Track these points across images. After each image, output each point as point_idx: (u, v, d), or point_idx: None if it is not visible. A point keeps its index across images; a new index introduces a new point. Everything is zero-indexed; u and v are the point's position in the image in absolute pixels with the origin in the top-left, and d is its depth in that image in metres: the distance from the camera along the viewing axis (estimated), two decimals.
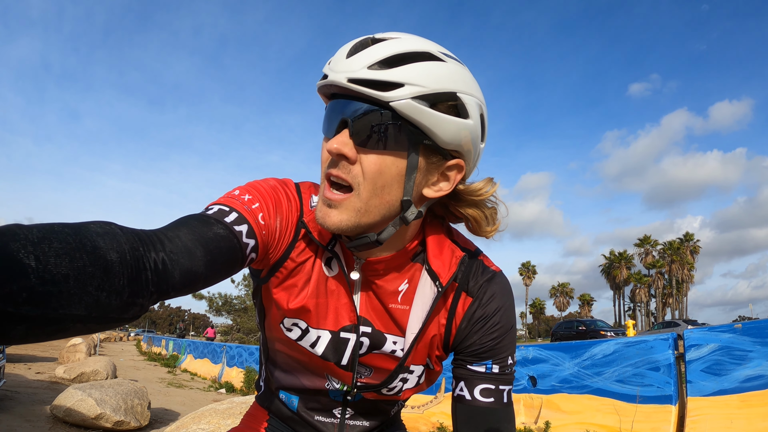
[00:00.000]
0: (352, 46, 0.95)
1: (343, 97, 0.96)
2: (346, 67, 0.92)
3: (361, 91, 0.91)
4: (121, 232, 0.71)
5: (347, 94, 0.95)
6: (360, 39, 0.96)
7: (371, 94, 0.90)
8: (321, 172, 1.01)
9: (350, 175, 0.95)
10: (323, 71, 0.97)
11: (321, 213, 0.99)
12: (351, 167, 0.95)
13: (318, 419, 1.25)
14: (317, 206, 1.01)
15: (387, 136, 0.93)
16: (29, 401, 7.52)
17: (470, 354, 1.11)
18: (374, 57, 0.91)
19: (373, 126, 0.92)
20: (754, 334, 5.30)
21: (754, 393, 5.03)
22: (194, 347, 20.19)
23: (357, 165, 0.94)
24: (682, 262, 79.10)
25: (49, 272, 0.56)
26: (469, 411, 1.09)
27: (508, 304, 1.13)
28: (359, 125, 0.93)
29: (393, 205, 0.99)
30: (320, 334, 1.12)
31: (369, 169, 0.94)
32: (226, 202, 0.98)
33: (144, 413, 6.85)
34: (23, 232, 0.58)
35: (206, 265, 0.84)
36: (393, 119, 0.92)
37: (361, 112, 0.93)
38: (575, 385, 6.60)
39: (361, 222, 0.98)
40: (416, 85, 0.91)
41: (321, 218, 0.99)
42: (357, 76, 0.90)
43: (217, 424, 3.22)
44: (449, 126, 0.94)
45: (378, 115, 0.92)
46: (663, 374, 5.82)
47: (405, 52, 0.92)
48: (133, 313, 0.69)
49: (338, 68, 0.93)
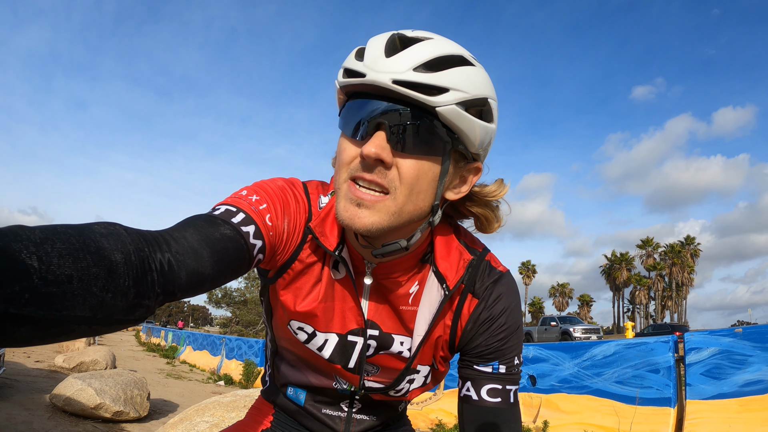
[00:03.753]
0: (385, 44, 0.91)
1: (376, 97, 0.91)
2: (389, 66, 0.88)
3: (407, 94, 0.88)
4: (126, 232, 0.70)
5: (384, 95, 0.91)
6: (388, 36, 0.92)
7: (418, 98, 0.88)
8: (341, 171, 0.96)
9: (386, 180, 0.92)
10: (353, 68, 0.92)
11: (348, 213, 0.93)
12: (387, 172, 0.92)
13: (325, 412, 1.25)
14: (340, 205, 0.95)
15: (427, 140, 0.91)
16: (28, 390, 7.55)
17: (477, 355, 1.10)
18: (418, 59, 0.88)
19: (414, 130, 0.90)
20: (754, 339, 5.30)
21: (753, 398, 5.03)
22: (193, 339, 20.27)
23: (393, 169, 0.92)
24: (683, 265, 79.07)
25: (52, 273, 0.55)
26: (476, 411, 1.09)
27: (515, 305, 1.12)
28: (399, 129, 0.90)
29: (424, 210, 0.98)
30: (327, 338, 1.12)
31: (407, 174, 0.92)
32: (234, 203, 0.96)
33: (143, 404, 6.86)
34: (25, 233, 0.57)
35: (213, 266, 0.83)
36: (434, 124, 0.90)
37: (403, 116, 0.90)
38: (575, 385, 6.61)
39: (391, 226, 0.95)
40: (460, 91, 0.89)
41: (348, 218, 0.93)
42: (403, 78, 0.87)
43: (221, 417, 3.21)
44: (480, 131, 0.94)
45: (420, 119, 0.90)
46: (663, 376, 5.83)
47: (444, 55, 0.90)
48: (138, 314, 0.68)
49: (379, 67, 0.88)
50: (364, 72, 0.89)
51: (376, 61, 0.89)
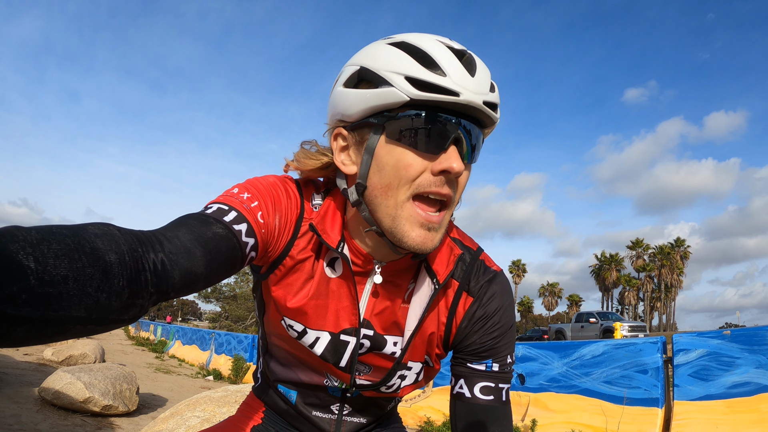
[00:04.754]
0: (460, 59, 0.93)
1: (450, 112, 0.93)
2: (476, 86, 0.92)
3: (491, 115, 0.95)
4: (119, 233, 0.71)
5: (459, 110, 0.94)
6: (443, 44, 0.95)
7: (494, 116, 0.96)
8: (402, 188, 0.95)
9: (452, 192, 0.98)
10: (436, 83, 0.89)
11: (421, 238, 0.96)
12: (454, 184, 0.97)
13: (316, 414, 1.25)
14: (406, 229, 0.96)
15: (476, 151, 1.00)
16: (17, 383, 7.49)
17: (471, 353, 1.12)
18: (488, 78, 0.96)
19: (476, 143, 0.97)
20: (742, 342, 5.35)
21: (740, 399, 5.08)
22: (182, 333, 20.19)
23: (456, 181, 0.98)
24: (672, 266, 79.54)
25: (48, 273, 0.56)
26: (469, 408, 1.10)
27: (508, 304, 1.14)
28: (469, 144, 0.96)
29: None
30: (319, 336, 1.12)
31: (463, 183, 1.00)
32: (225, 201, 0.97)
33: (132, 398, 6.83)
34: (22, 233, 0.57)
35: (206, 265, 0.83)
36: (481, 135, 0.99)
37: (474, 131, 0.97)
38: (563, 384, 6.65)
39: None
40: (499, 104, 0.98)
41: (422, 243, 0.97)
42: (488, 99, 0.93)
43: (212, 412, 3.21)
44: None
45: (480, 133, 0.98)
46: (651, 377, 5.88)
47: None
48: (132, 314, 0.68)
49: (469, 86, 0.91)
50: (458, 91, 0.90)
51: (464, 79, 0.91)
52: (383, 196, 0.96)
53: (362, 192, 1.00)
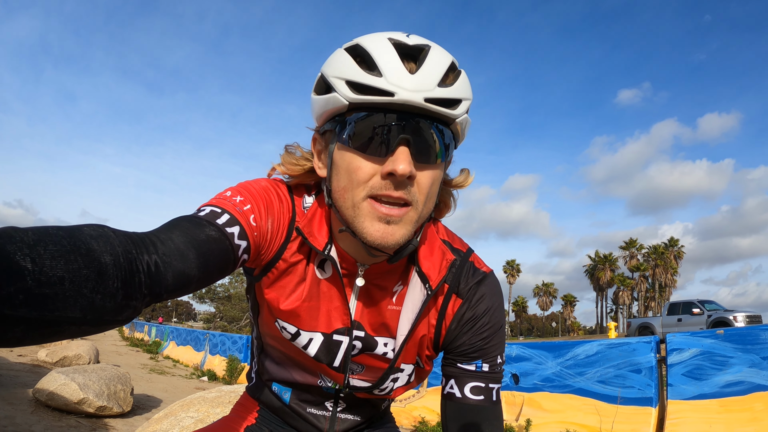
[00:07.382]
0: (398, 55, 0.91)
1: (394, 112, 0.91)
2: (416, 84, 0.89)
3: (437, 111, 0.91)
4: (114, 234, 0.71)
5: (405, 110, 0.91)
6: (387, 42, 0.92)
7: (444, 113, 0.92)
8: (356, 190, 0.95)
9: (410, 194, 0.94)
10: (372, 84, 0.89)
11: (380, 232, 0.94)
12: (410, 186, 0.94)
13: (310, 411, 1.26)
14: (366, 224, 0.95)
15: (439, 149, 0.96)
16: (11, 384, 7.46)
17: (461, 353, 1.12)
18: (438, 73, 0.91)
19: (432, 142, 0.94)
20: (735, 341, 5.38)
21: (733, 398, 5.11)
22: (177, 334, 20.11)
23: (414, 182, 0.94)
24: (666, 266, 79.84)
25: (45, 274, 0.56)
26: (459, 408, 1.11)
27: (497, 305, 1.14)
28: (423, 143, 0.93)
29: (431, 211, 1.03)
30: (312, 337, 1.13)
31: (425, 184, 0.96)
32: (218, 204, 0.97)
33: (127, 399, 6.81)
34: (18, 234, 0.57)
35: (199, 267, 0.84)
36: (445, 133, 0.95)
37: (425, 130, 0.93)
38: (557, 384, 6.66)
39: (413, 232, 0.99)
40: (467, 99, 0.95)
41: (381, 237, 0.94)
42: (433, 95, 0.90)
43: (206, 413, 3.21)
44: (468, 127, 1.01)
45: (438, 131, 0.94)
46: (644, 376, 5.90)
47: (449, 65, 0.94)
48: (126, 315, 0.69)
49: (406, 85, 0.89)
50: (393, 90, 0.89)
51: (401, 77, 0.89)
52: (342, 198, 0.98)
53: (330, 194, 1.02)
